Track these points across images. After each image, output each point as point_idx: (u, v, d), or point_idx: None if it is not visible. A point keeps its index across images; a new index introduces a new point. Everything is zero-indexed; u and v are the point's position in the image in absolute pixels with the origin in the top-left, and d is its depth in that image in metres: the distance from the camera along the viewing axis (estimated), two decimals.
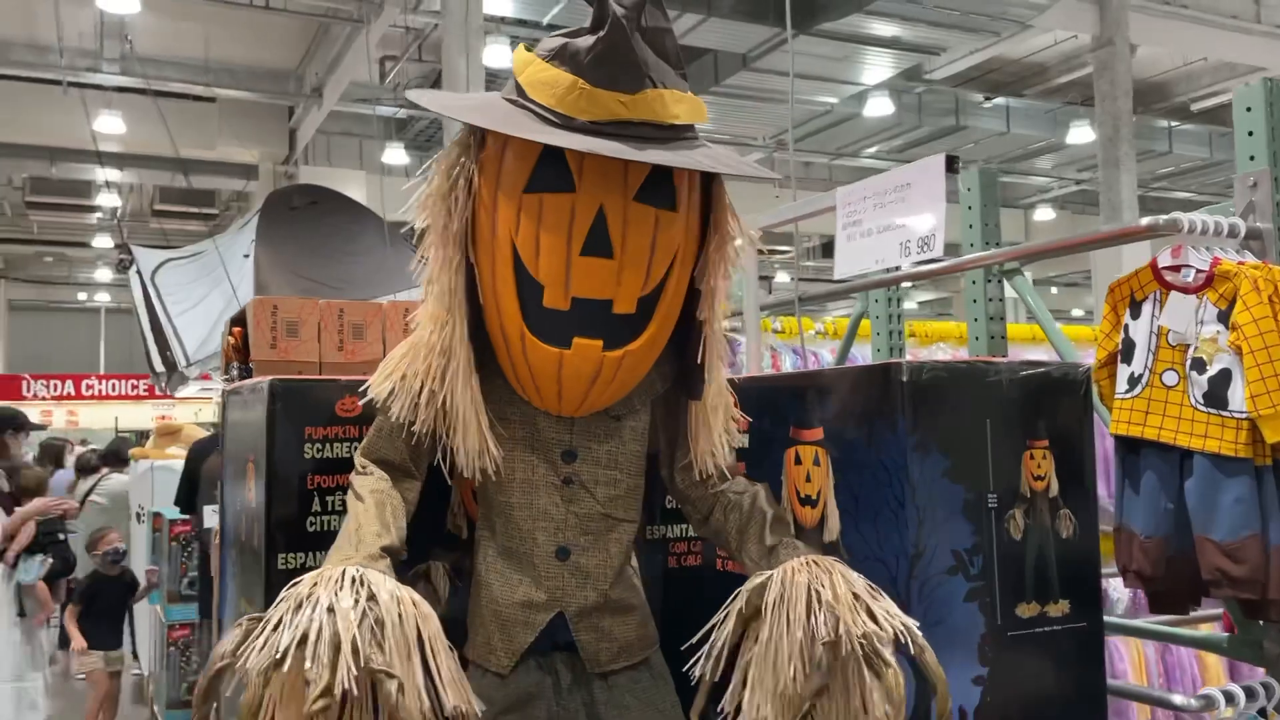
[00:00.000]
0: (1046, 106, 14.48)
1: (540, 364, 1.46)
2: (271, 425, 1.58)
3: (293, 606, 1.23)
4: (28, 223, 19.55)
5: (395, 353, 1.55)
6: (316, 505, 1.60)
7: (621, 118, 1.38)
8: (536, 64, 1.44)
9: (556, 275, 1.41)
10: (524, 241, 1.42)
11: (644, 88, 1.38)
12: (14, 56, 12.18)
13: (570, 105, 1.38)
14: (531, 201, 1.42)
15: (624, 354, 1.46)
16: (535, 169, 1.42)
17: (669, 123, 1.42)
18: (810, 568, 1.43)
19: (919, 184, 1.93)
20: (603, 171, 1.41)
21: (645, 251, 1.44)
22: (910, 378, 1.47)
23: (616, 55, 1.36)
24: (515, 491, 1.55)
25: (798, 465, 1.66)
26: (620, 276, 1.43)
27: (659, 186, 1.45)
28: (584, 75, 1.37)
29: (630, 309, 1.45)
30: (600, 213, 1.40)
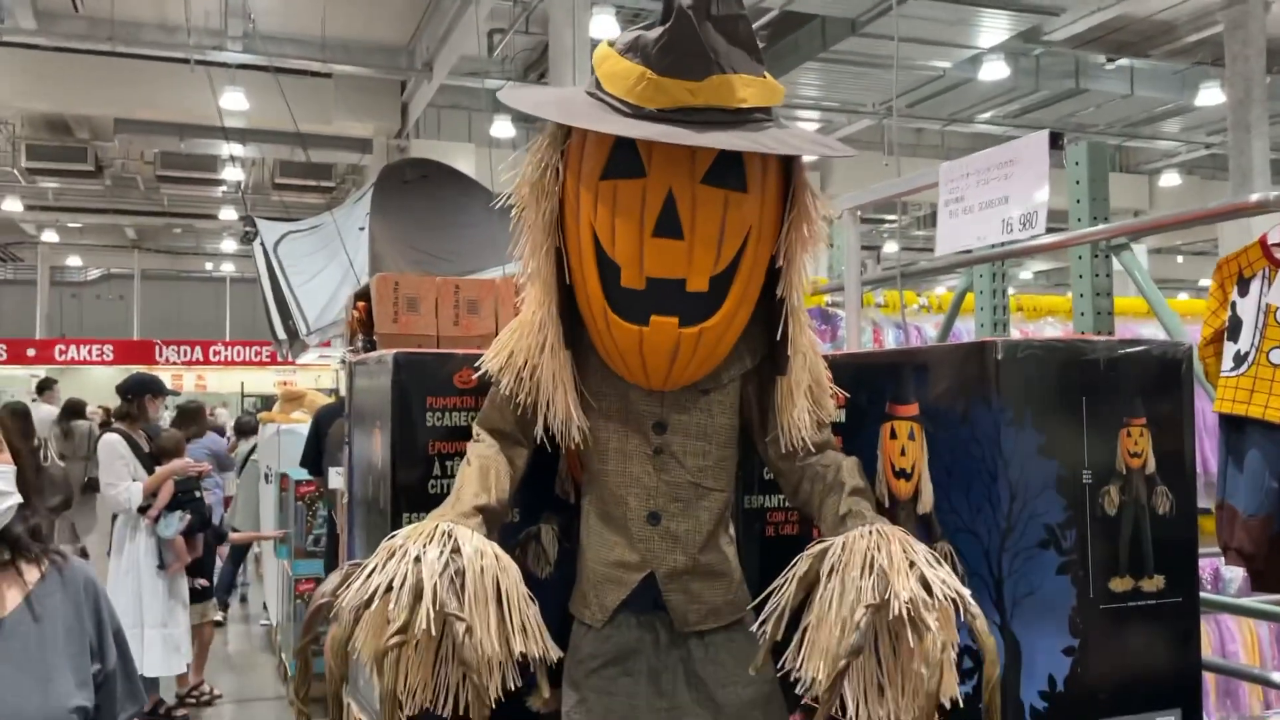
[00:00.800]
0: (1174, 68, 13.80)
1: (623, 340, 1.55)
2: (396, 394, 1.70)
3: (386, 556, 1.38)
4: (159, 196, 20.53)
5: (505, 330, 1.66)
6: (437, 469, 1.72)
7: (688, 104, 1.45)
8: (612, 58, 1.53)
9: (631, 256, 1.50)
10: (602, 225, 1.52)
11: (710, 74, 1.45)
12: (145, 37, 12.77)
13: (639, 95, 1.46)
14: (607, 188, 1.51)
15: (700, 330, 1.54)
16: (610, 157, 1.51)
17: (736, 107, 1.47)
18: (872, 535, 1.47)
19: (1022, 160, 1.93)
20: (671, 157, 1.48)
21: (715, 231, 1.51)
22: (1005, 356, 1.50)
23: (682, 45, 1.43)
24: (610, 459, 1.65)
25: (893, 440, 1.71)
26: (691, 256, 1.50)
27: (728, 168, 1.52)
28: (651, 65, 1.45)
29: (703, 287, 1.53)
30: (670, 196, 1.49)
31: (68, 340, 25.56)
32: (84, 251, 26.80)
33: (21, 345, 24.64)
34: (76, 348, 25.08)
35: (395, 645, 1.31)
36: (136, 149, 17.95)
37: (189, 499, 4.78)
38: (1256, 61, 10.60)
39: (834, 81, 12.96)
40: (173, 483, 4.73)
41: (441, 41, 12.78)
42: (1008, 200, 1.97)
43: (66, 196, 20.58)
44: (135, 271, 27.27)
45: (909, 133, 16.55)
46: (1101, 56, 13.44)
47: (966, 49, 11.80)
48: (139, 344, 25.73)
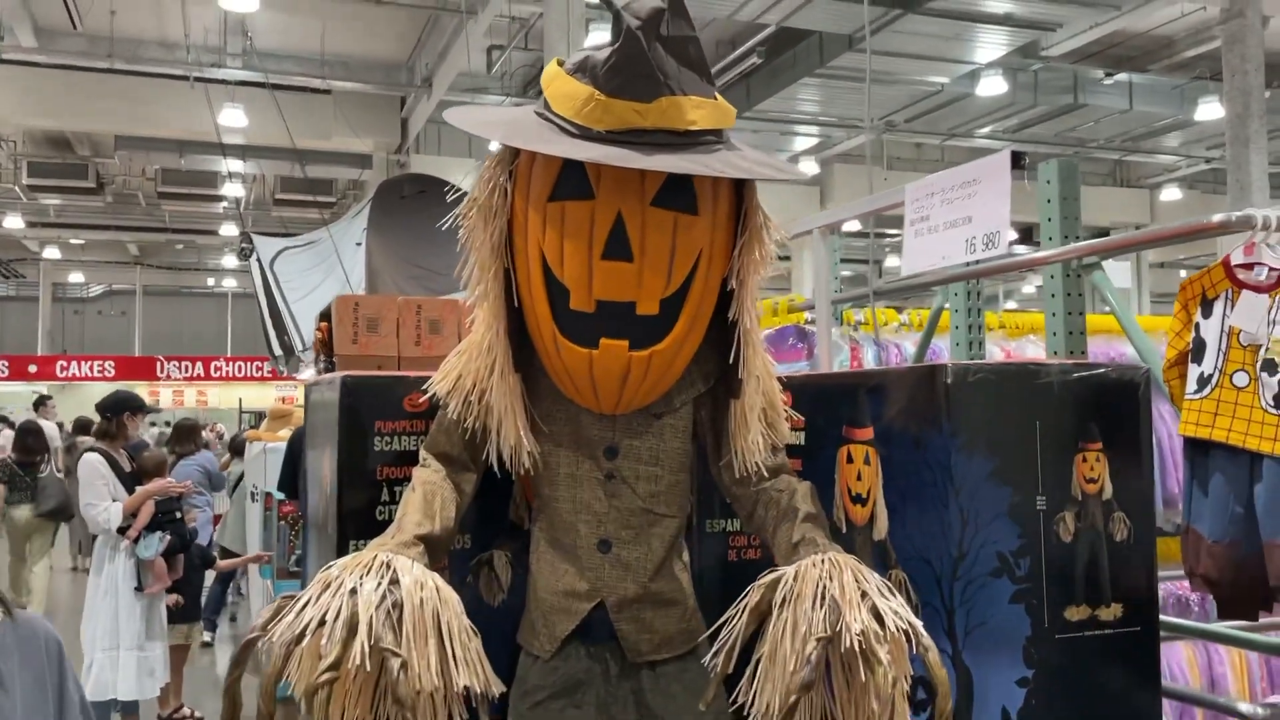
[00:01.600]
0: (1173, 82, 13.79)
1: (573, 364, 1.53)
2: (344, 418, 1.68)
3: (320, 588, 1.35)
4: (160, 212, 20.60)
5: (454, 352, 1.63)
6: (385, 495, 1.70)
7: (637, 126, 1.44)
8: (561, 78, 1.51)
9: (580, 279, 1.48)
10: (550, 247, 1.50)
11: (659, 96, 1.43)
12: (145, 54, 12.84)
13: (587, 116, 1.45)
14: (555, 209, 1.49)
15: (651, 354, 1.52)
16: (558, 179, 1.49)
17: (685, 129, 1.46)
18: (824, 564, 1.44)
19: (985, 180, 1.91)
20: (619, 179, 1.47)
21: (665, 254, 1.49)
22: (955, 380, 1.47)
23: (631, 65, 1.41)
24: (560, 485, 1.63)
25: (849, 464, 1.68)
26: (641, 279, 1.48)
27: (678, 191, 1.50)
28: (599, 86, 1.44)
29: (653, 310, 1.51)
30: (619, 218, 1.47)
31: (69, 356, 25.62)
32: (86, 268, 26.90)
33: (23, 361, 24.71)
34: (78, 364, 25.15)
35: (327, 682, 1.28)
36: (137, 165, 18.02)
37: (169, 519, 4.75)
38: (1255, 76, 10.56)
39: (832, 97, 12.98)
40: (153, 503, 4.70)
41: (441, 58, 12.82)
42: (971, 220, 1.95)
43: (68, 213, 20.65)
44: (137, 287, 27.36)
45: (909, 147, 16.57)
46: (1100, 71, 13.44)
47: (964, 64, 11.81)
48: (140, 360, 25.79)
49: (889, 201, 2.33)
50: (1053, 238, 2.36)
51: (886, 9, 10.10)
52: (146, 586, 4.71)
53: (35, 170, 16.95)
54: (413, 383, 1.70)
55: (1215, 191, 18.82)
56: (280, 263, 10.69)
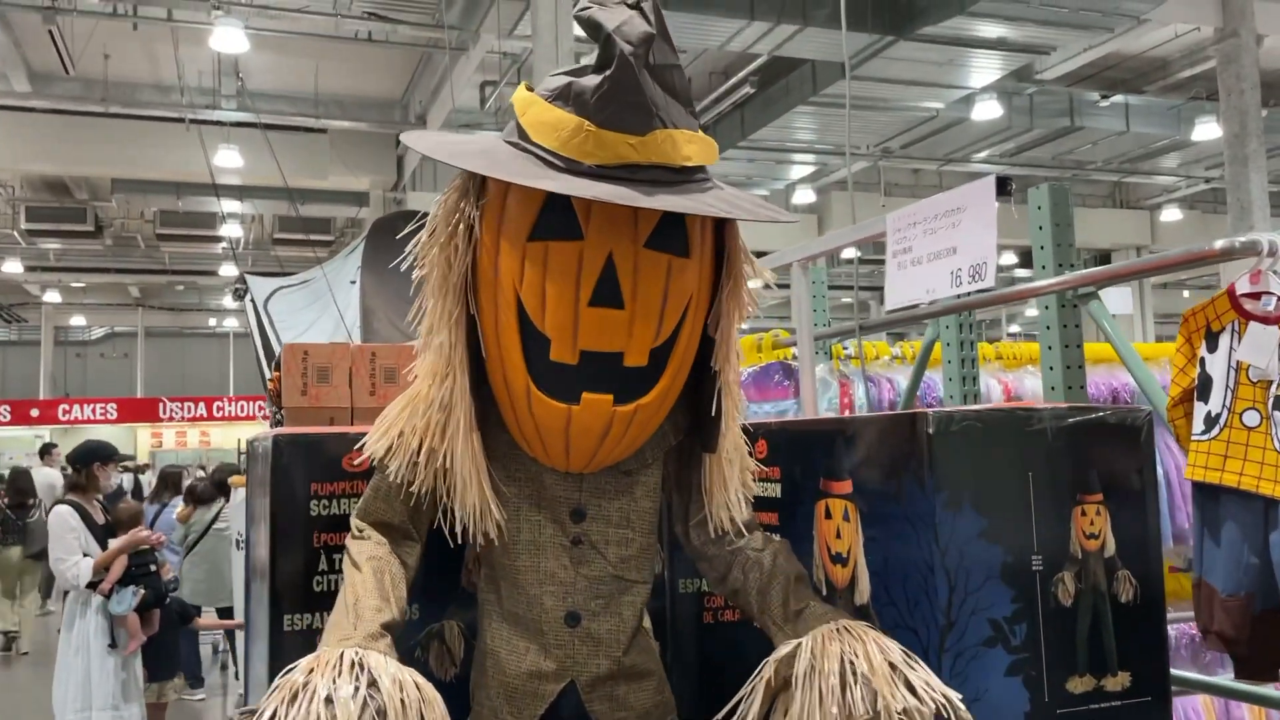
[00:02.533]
0: (1169, 103, 13.76)
1: (547, 420, 1.38)
2: (276, 480, 1.54)
3: (288, 697, 1.18)
4: (160, 254, 20.59)
5: (391, 408, 1.49)
6: (323, 564, 1.56)
7: (630, 161, 1.30)
8: (539, 105, 1.36)
9: (564, 327, 1.34)
10: (529, 292, 1.35)
11: (654, 128, 1.30)
12: (140, 97, 12.86)
13: (576, 148, 1.30)
14: (536, 250, 1.35)
15: (635, 408, 1.38)
16: (540, 216, 1.35)
17: (680, 165, 1.33)
18: (842, 635, 1.33)
19: (970, 208, 1.79)
20: (611, 218, 1.33)
21: (657, 301, 1.36)
22: (938, 429, 1.34)
23: (624, 94, 1.28)
24: (521, 554, 1.48)
25: (828, 520, 1.54)
26: (632, 328, 1.34)
27: (671, 232, 1.36)
28: (590, 116, 1.30)
29: (642, 361, 1.37)
30: (609, 261, 1.33)
31: (71, 400, 25.58)
32: (87, 311, 26.91)
33: (25, 406, 24.65)
34: (80, 407, 25.10)
35: None
36: (135, 208, 18.04)
37: (143, 573, 4.59)
38: (1251, 95, 10.52)
39: (827, 125, 12.94)
40: (126, 556, 4.54)
41: (434, 95, 12.81)
42: (955, 251, 1.82)
43: (68, 257, 20.66)
44: (139, 329, 27.33)
45: (905, 173, 16.53)
46: (1095, 94, 13.40)
47: (959, 89, 11.75)
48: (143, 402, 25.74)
49: (871, 232, 2.21)
50: (1046, 266, 2.23)
51: (879, 36, 10.05)
52: (120, 644, 4.55)
53: (34, 215, 16.96)
54: (352, 440, 1.56)
55: (1216, 211, 18.79)
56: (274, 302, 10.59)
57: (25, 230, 17.17)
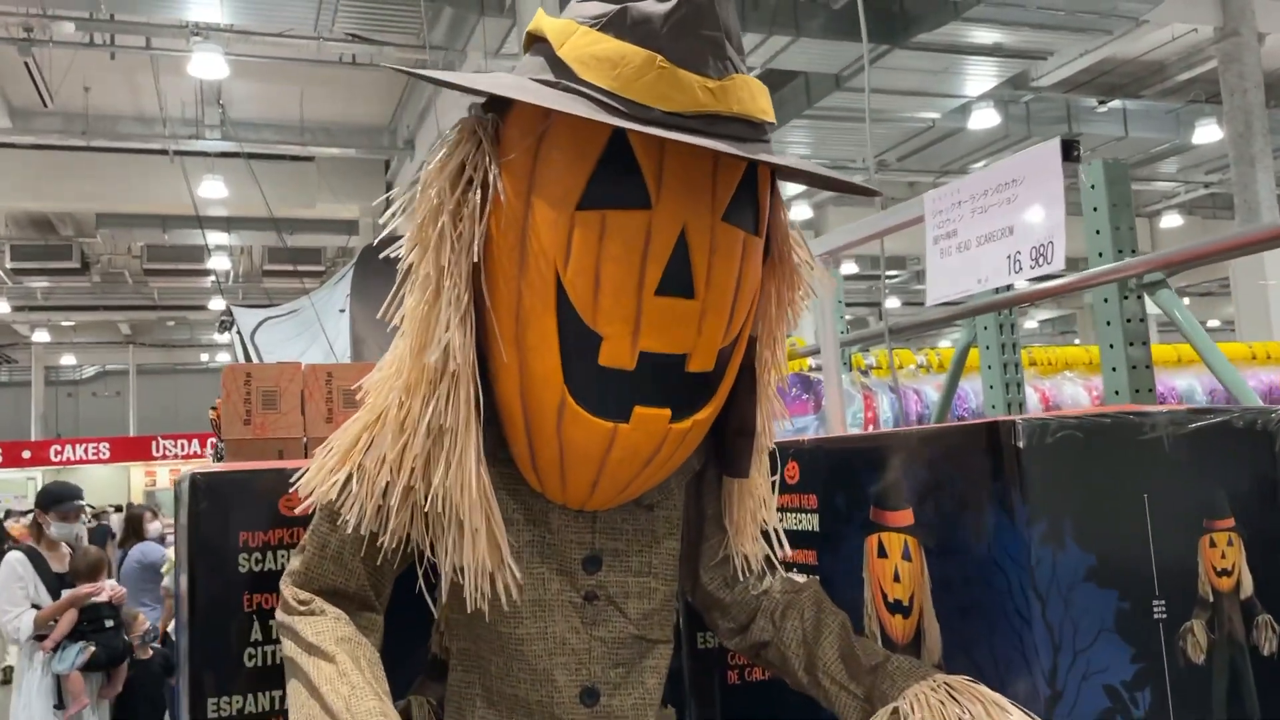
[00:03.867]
0: (1168, 106, 13.60)
1: (582, 443, 1.07)
2: (194, 530, 1.24)
3: None
4: (149, 289, 20.31)
5: (341, 437, 1.18)
6: (257, 633, 1.26)
7: (709, 109, 1.00)
8: (584, 34, 1.04)
9: (625, 322, 1.03)
10: (577, 276, 1.03)
11: (728, 71, 1.02)
12: (122, 130, 12.63)
13: (645, 89, 0.99)
14: (590, 221, 1.03)
15: (691, 425, 1.09)
16: (594, 177, 1.03)
17: (760, 119, 1.05)
18: (941, 690, 1.05)
19: (1030, 179, 1.50)
20: (689, 183, 1.03)
21: (730, 289, 1.07)
22: (1030, 441, 1.04)
23: (700, 24, 0.99)
24: (525, 619, 1.16)
25: (882, 558, 1.24)
26: (703, 323, 1.05)
27: (745, 203, 1.08)
28: (662, 50, 0.99)
29: (708, 365, 1.08)
30: (682, 238, 1.03)
31: (63, 440, 25.21)
32: (78, 349, 26.60)
33: (16, 448, 24.28)
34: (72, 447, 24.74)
35: None
36: (121, 243, 17.79)
37: (96, 629, 4.24)
38: (1255, 94, 10.32)
39: (822, 138, 12.72)
40: (75, 611, 4.19)
41: (422, 118, 12.57)
42: (1013, 231, 1.53)
43: (56, 295, 20.38)
44: (130, 367, 27.01)
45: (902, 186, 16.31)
46: (1093, 99, 13.22)
47: (955, 98, 11.55)
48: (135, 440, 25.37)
49: (904, 218, 1.92)
50: (1103, 253, 1.95)
51: (873, 45, 9.84)
52: (67, 705, 4.17)
53: (19, 253, 16.70)
54: (289, 476, 1.26)
55: (1215, 216, 18.65)
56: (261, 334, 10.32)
57: (11, 269, 16.91)
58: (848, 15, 9.61)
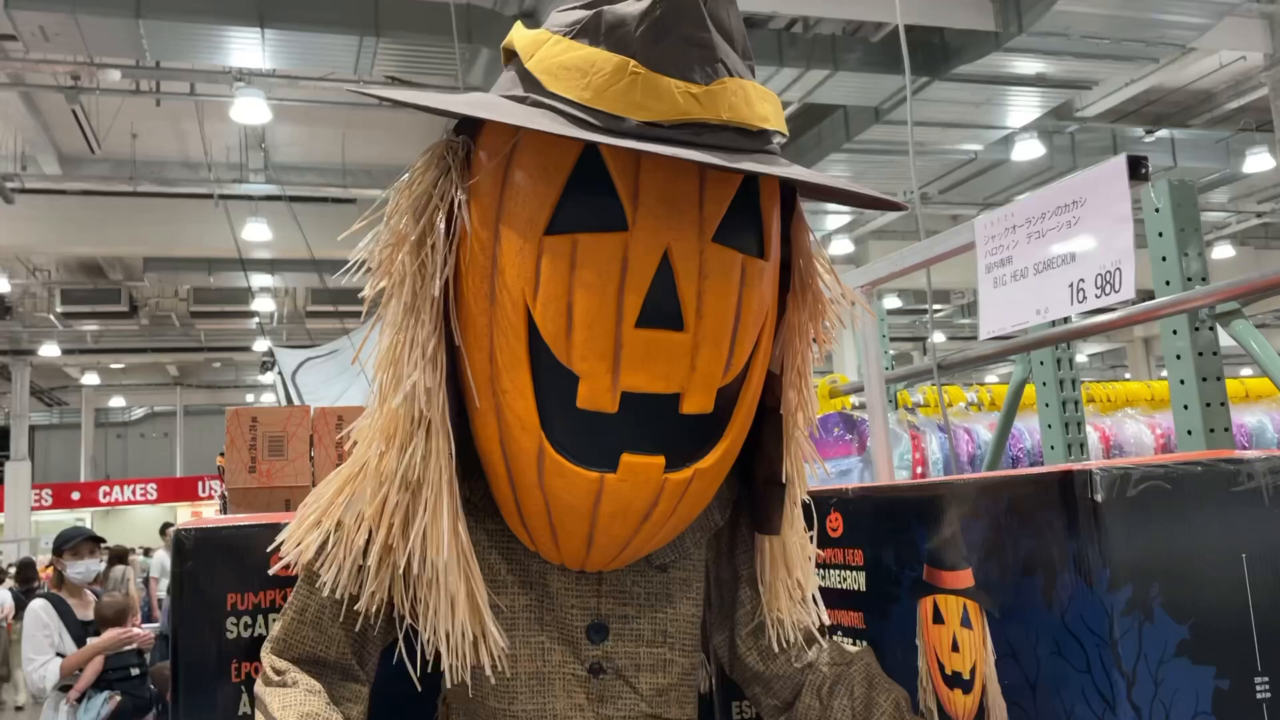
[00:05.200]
0: (1217, 135, 13.35)
1: (567, 496, 0.96)
2: (180, 591, 1.14)
3: None
4: (195, 331, 20.60)
5: (322, 490, 1.08)
6: (245, 705, 1.14)
7: (694, 118, 0.90)
8: (555, 42, 0.95)
9: (601, 359, 0.92)
10: (547, 309, 0.93)
11: (717, 76, 0.91)
12: (168, 175, 12.85)
13: (618, 98, 0.89)
14: (559, 247, 0.92)
15: (692, 474, 0.97)
16: (564, 198, 0.93)
17: (757, 127, 0.93)
18: None
19: (1093, 200, 1.37)
20: (670, 201, 0.92)
21: (729, 318, 0.94)
22: (1109, 493, 0.91)
23: (681, 25, 0.89)
24: (520, 694, 1.04)
25: (938, 624, 1.11)
26: (695, 358, 0.93)
27: (744, 223, 0.96)
28: (636, 54, 0.89)
29: (706, 407, 0.95)
30: (665, 262, 0.91)
31: (111, 481, 25.60)
32: (127, 391, 27.03)
33: (66, 489, 24.70)
34: (120, 488, 25.13)
35: None
36: (168, 286, 18.07)
37: (122, 677, 4.18)
38: None
39: (861, 171, 12.61)
40: (102, 659, 4.13)
41: None
42: (1075, 258, 1.40)
43: (105, 338, 20.74)
44: (178, 408, 27.37)
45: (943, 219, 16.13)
46: (1140, 129, 13.00)
47: (997, 130, 11.41)
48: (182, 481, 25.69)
49: (953, 245, 1.80)
50: (1171, 282, 1.81)
51: (914, 78, 9.74)
52: None
53: (69, 298, 17.05)
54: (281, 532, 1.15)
55: (1269, 247, 18.26)
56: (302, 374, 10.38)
57: (61, 313, 17.23)
58: (886, 48, 9.55)
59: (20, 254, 15.51)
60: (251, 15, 7.94)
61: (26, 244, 14.20)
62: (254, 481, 1.60)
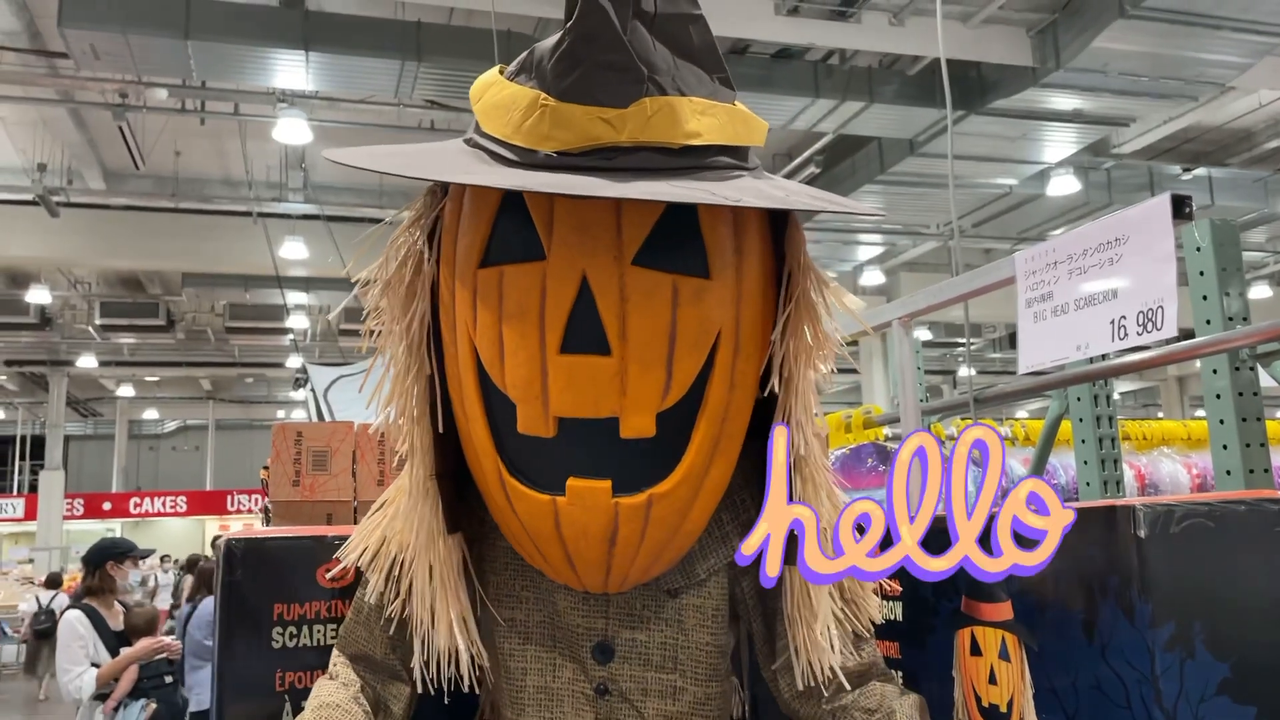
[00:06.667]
0: (1255, 175, 13.23)
1: (531, 518, 0.99)
2: (227, 601, 1.16)
3: None
4: (230, 347, 20.83)
5: (377, 504, 1.13)
6: (288, 716, 1.17)
7: (606, 142, 0.93)
8: (496, 85, 1.01)
9: (529, 386, 0.96)
10: (483, 339, 0.98)
11: (640, 96, 0.93)
12: (210, 192, 13.06)
13: (530, 132, 0.94)
14: (489, 279, 0.99)
15: (648, 499, 0.98)
16: (493, 232, 1.00)
17: (681, 144, 0.95)
18: None
19: (1136, 238, 1.38)
20: (582, 226, 0.96)
21: (661, 340, 0.96)
22: (1153, 529, 0.91)
23: (594, 52, 0.91)
24: (528, 706, 1.07)
25: (976, 656, 1.11)
26: (625, 381, 0.95)
27: (676, 242, 0.98)
28: (549, 87, 0.94)
29: (646, 430, 0.97)
30: (584, 287, 0.95)
31: (142, 493, 25.85)
32: (160, 404, 27.34)
33: (97, 500, 24.97)
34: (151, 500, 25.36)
35: None
36: (205, 302, 18.30)
37: (155, 685, 4.22)
38: None
39: (894, 204, 12.61)
40: (136, 668, 4.18)
41: None
42: (1116, 295, 1.41)
43: (141, 351, 21.00)
44: (210, 422, 27.65)
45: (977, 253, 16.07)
46: (1177, 167, 12.91)
47: (1033, 164, 11.37)
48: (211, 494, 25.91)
49: (992, 279, 1.81)
50: (1211, 320, 1.81)
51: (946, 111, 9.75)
52: None
53: (108, 310, 17.29)
54: (331, 544, 1.18)
55: None
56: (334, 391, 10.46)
57: (100, 325, 17.48)
58: (922, 81, 9.57)
59: (62, 266, 15.78)
60: (296, 39, 8.09)
61: (69, 257, 14.45)
62: (297, 495, 1.63)
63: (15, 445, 26.23)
